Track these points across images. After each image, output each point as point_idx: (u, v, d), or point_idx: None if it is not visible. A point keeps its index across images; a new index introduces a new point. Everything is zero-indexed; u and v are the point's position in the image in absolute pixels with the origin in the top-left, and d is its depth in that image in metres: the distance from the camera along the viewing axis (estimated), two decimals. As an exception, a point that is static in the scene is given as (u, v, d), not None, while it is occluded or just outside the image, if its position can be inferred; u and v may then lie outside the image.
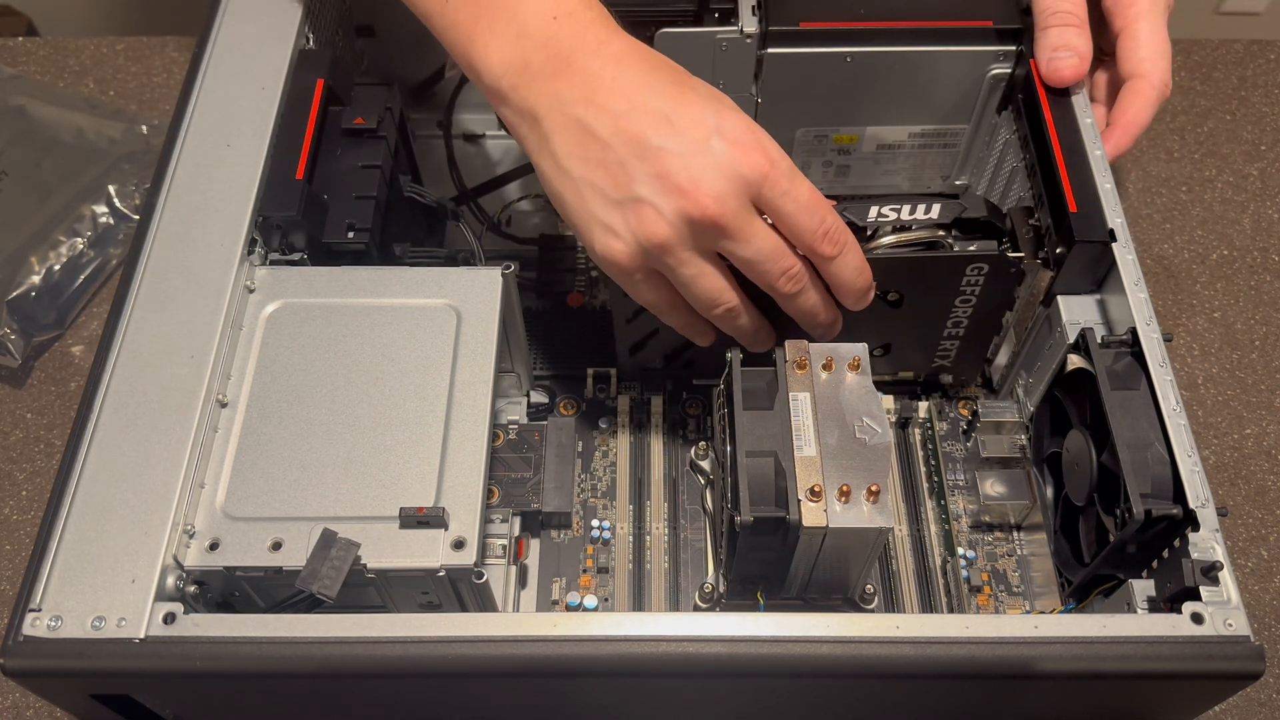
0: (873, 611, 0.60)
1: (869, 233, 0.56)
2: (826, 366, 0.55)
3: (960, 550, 0.64)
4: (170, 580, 0.47)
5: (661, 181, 0.48)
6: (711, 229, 0.49)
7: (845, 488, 0.51)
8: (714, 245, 0.51)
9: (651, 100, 0.49)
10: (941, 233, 0.57)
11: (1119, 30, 0.63)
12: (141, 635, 0.44)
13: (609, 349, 0.69)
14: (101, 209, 0.79)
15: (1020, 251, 0.58)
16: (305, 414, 0.52)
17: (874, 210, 0.56)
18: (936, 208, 0.56)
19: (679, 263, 0.51)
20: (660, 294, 0.53)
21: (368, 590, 0.50)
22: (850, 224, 0.55)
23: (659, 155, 0.48)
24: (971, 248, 0.57)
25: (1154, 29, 0.62)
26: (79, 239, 0.77)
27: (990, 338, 0.65)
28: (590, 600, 0.62)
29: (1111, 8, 0.64)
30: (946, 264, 0.57)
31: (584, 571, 0.63)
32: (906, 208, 0.56)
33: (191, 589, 0.48)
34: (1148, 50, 0.62)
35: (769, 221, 0.51)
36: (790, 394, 0.55)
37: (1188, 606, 0.46)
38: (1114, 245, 0.56)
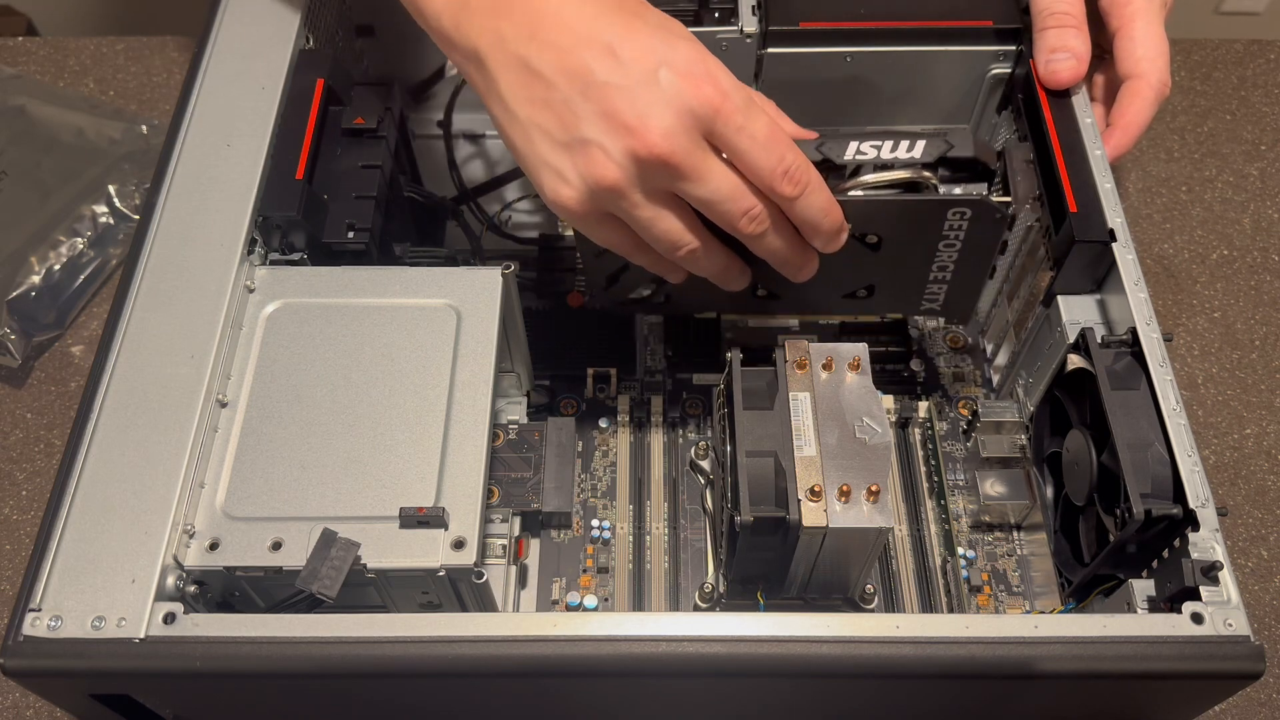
0: (873, 611, 0.60)
1: (847, 171, 0.53)
2: (826, 366, 0.55)
3: (960, 550, 0.64)
4: (170, 580, 0.47)
5: (608, 120, 0.46)
6: (662, 169, 0.47)
7: (845, 488, 0.51)
8: (668, 186, 0.48)
9: (596, 32, 0.46)
10: (926, 173, 0.53)
11: (1115, 30, 0.63)
12: (141, 635, 0.44)
13: (609, 349, 0.70)
14: (101, 209, 0.79)
15: (1008, 195, 0.55)
16: (305, 414, 0.52)
17: (853, 146, 0.53)
18: (921, 145, 0.53)
19: (632, 206, 0.48)
20: (619, 236, 0.51)
21: (368, 590, 0.50)
22: (826, 162, 0.52)
23: (604, 92, 0.46)
24: (956, 190, 0.54)
25: (1150, 28, 0.62)
26: (79, 239, 0.77)
27: (981, 279, 0.61)
28: (590, 600, 0.62)
29: (1108, 8, 0.63)
30: (925, 208, 0.54)
31: (584, 571, 0.63)
32: (889, 144, 0.53)
33: (191, 589, 0.48)
34: (1144, 50, 0.61)
35: (727, 158, 0.49)
36: (790, 394, 0.55)
37: (1188, 606, 0.46)
38: (1114, 245, 0.56)
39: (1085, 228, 0.57)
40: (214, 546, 0.48)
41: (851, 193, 0.53)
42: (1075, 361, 0.56)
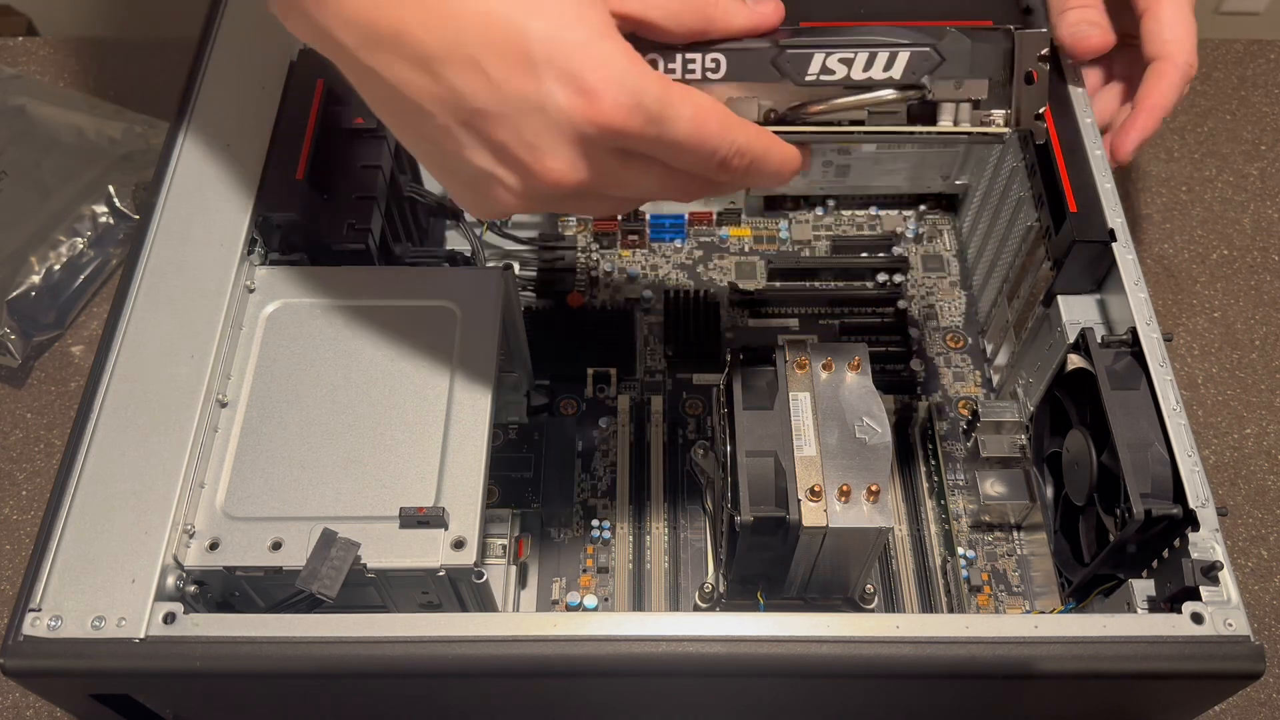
0: (873, 611, 0.60)
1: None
2: (826, 366, 0.55)
3: (960, 550, 0.64)
4: (170, 580, 0.47)
5: (497, 153, 0.39)
6: (575, 191, 0.40)
7: (845, 487, 0.51)
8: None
9: (452, 41, 0.37)
10: (912, 91, 0.44)
11: (1142, 11, 0.62)
12: (141, 635, 0.44)
13: (609, 348, 0.70)
14: (101, 209, 0.79)
15: (1005, 122, 0.45)
16: (305, 414, 0.52)
17: (817, 62, 0.44)
18: (903, 60, 0.44)
19: (556, 209, 0.43)
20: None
21: (368, 590, 0.50)
22: (781, 71, 0.43)
23: (482, 121, 0.38)
24: (943, 115, 0.45)
25: (1177, 10, 0.61)
26: (79, 239, 0.77)
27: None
28: (590, 600, 0.62)
29: None
30: (905, 141, 0.46)
31: (584, 571, 0.63)
32: (863, 58, 0.44)
33: (191, 589, 0.48)
34: (1171, 32, 0.61)
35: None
36: (790, 394, 0.55)
37: (1188, 606, 0.46)
38: (1114, 245, 0.56)
39: (1085, 228, 0.57)
40: (214, 546, 0.48)
41: (819, 128, 0.45)
42: (1075, 361, 0.56)
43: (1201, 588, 0.47)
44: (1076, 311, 0.59)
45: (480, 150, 0.39)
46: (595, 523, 0.64)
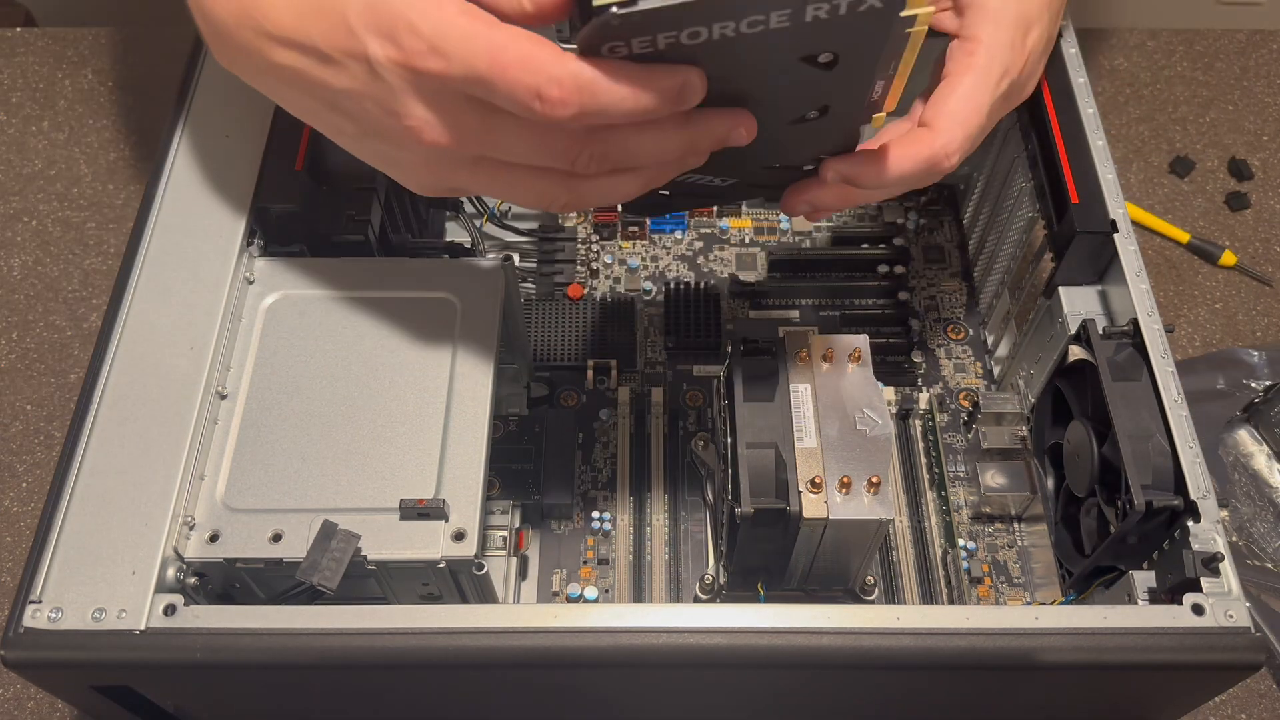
0: (873, 603, 0.60)
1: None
2: (827, 358, 0.55)
3: (961, 541, 0.64)
4: (170, 572, 0.47)
5: (376, 131, 0.41)
6: (457, 150, 0.40)
7: (846, 479, 0.51)
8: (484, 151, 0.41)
9: (303, 31, 0.40)
10: None
11: (946, 74, 0.49)
12: (142, 627, 0.44)
13: (610, 340, 0.69)
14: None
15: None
16: (305, 406, 0.52)
17: None
18: None
19: (470, 183, 0.42)
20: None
21: (368, 581, 0.50)
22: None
23: (349, 103, 0.40)
24: None
25: (976, 89, 0.47)
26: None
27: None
28: (591, 592, 0.62)
29: (954, 49, 0.50)
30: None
31: (584, 563, 0.63)
32: None
33: (192, 580, 0.48)
34: (957, 106, 0.47)
35: None
36: (791, 385, 0.55)
37: (1188, 597, 0.46)
38: (1115, 236, 0.56)
39: (1087, 219, 0.57)
40: (214, 538, 0.48)
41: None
42: (1076, 353, 0.56)
43: (1202, 579, 0.47)
44: (1078, 303, 0.59)
45: (367, 135, 0.41)
46: (596, 514, 0.64)
